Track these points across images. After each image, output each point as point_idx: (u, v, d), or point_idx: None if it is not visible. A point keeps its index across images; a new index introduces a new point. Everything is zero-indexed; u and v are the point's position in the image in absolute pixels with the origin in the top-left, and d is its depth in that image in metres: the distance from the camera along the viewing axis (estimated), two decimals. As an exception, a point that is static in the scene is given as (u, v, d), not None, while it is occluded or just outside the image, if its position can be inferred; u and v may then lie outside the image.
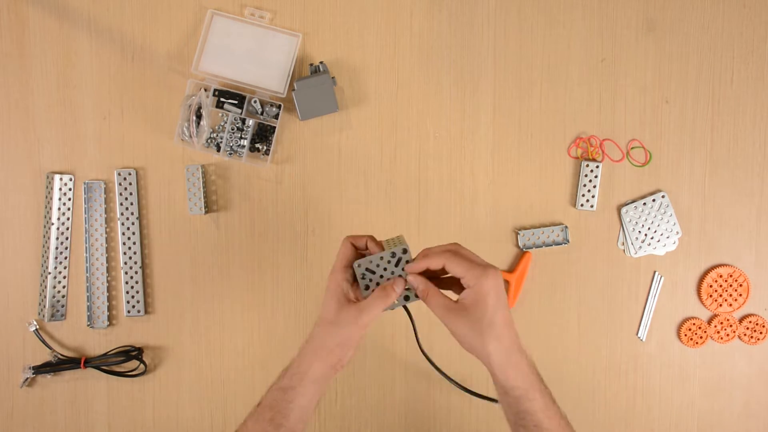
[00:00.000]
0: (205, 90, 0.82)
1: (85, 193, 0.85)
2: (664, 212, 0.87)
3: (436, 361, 0.76)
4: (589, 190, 0.86)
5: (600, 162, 0.86)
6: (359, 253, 0.65)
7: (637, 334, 0.88)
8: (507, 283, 0.86)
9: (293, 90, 0.82)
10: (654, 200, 0.86)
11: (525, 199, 0.87)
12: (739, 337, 0.88)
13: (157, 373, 0.87)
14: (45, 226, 0.86)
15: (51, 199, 0.85)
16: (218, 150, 0.84)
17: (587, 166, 0.86)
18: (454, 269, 0.62)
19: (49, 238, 0.85)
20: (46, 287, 0.85)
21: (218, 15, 0.83)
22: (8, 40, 0.84)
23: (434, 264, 0.62)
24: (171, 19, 0.84)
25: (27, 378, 0.86)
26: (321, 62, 0.83)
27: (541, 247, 0.86)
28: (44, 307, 0.86)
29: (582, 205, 0.86)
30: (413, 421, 0.88)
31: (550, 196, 0.87)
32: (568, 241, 0.86)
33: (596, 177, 0.86)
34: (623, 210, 0.87)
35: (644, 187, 0.87)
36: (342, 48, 0.85)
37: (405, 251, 0.65)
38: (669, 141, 0.87)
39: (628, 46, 0.86)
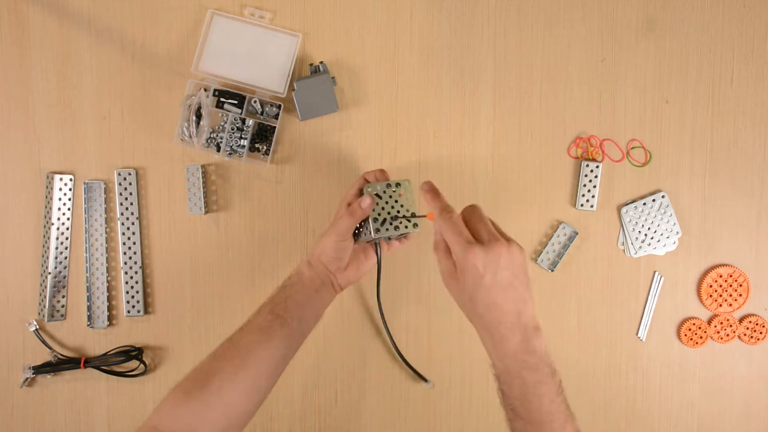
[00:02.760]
0: (205, 90, 0.82)
1: (85, 193, 0.85)
2: (664, 212, 0.87)
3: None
4: (589, 190, 0.86)
5: (600, 162, 0.86)
6: None
7: (637, 334, 0.88)
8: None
9: (293, 90, 0.83)
10: (654, 200, 0.86)
11: (525, 198, 0.87)
12: (739, 337, 0.88)
13: (157, 373, 0.87)
14: (45, 226, 0.86)
15: (51, 199, 0.85)
16: (218, 150, 0.84)
17: (587, 166, 0.86)
18: (445, 234, 0.64)
19: (49, 238, 0.85)
20: (46, 287, 0.85)
21: (218, 15, 0.83)
22: (8, 40, 0.84)
23: (432, 208, 0.67)
24: (171, 19, 0.84)
25: (27, 378, 0.86)
26: (321, 62, 0.83)
27: (563, 256, 0.86)
28: (44, 307, 0.86)
29: (582, 205, 0.86)
30: (413, 421, 0.88)
31: (550, 196, 0.87)
32: (577, 233, 0.86)
33: (596, 177, 0.86)
34: (623, 210, 0.87)
35: (644, 187, 0.87)
36: (342, 48, 0.85)
37: (408, 182, 0.76)
38: (669, 141, 0.87)
39: (628, 46, 0.86)
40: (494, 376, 0.62)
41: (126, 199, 0.85)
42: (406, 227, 0.75)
